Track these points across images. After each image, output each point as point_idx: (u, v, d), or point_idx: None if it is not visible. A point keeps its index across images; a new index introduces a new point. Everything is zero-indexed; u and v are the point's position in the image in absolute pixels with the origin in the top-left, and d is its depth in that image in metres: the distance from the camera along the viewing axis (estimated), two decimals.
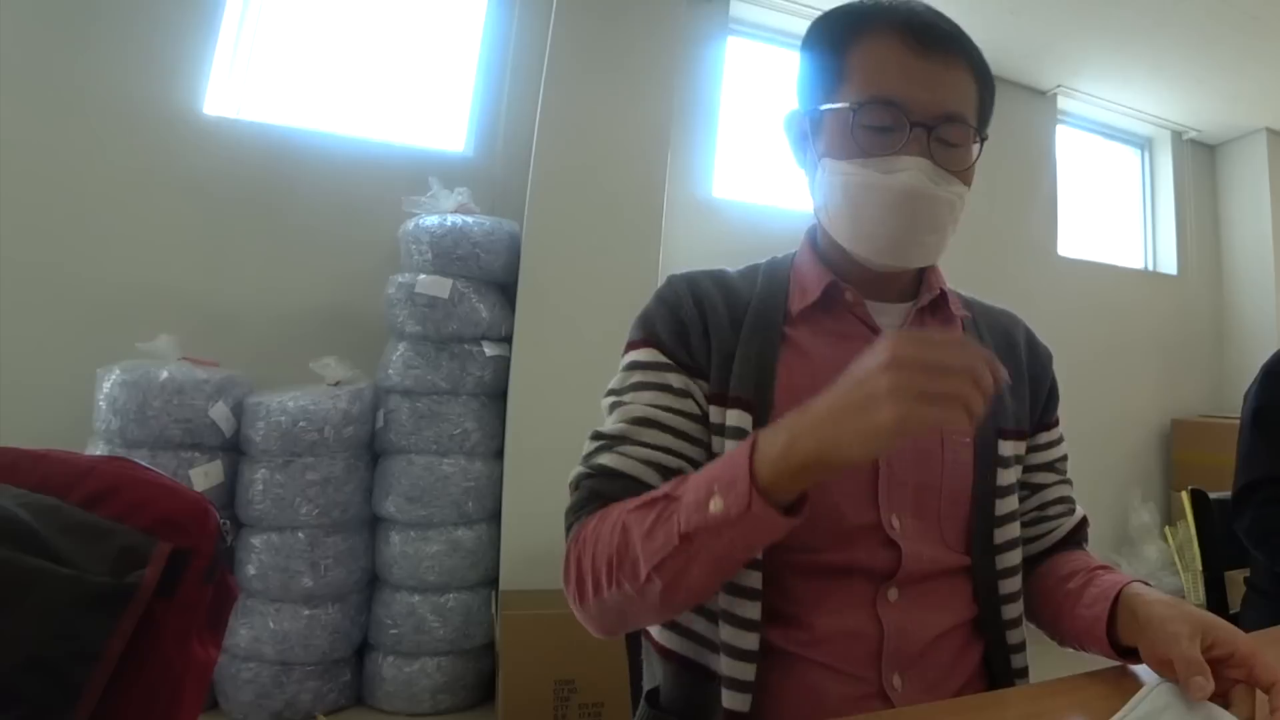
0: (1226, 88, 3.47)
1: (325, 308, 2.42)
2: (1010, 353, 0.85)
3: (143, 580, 0.55)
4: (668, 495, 0.61)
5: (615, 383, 0.77)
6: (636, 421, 0.72)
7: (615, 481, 0.70)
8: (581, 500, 0.71)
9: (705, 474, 0.60)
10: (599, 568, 0.63)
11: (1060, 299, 3.45)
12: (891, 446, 0.53)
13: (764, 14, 3.06)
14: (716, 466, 0.60)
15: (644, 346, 0.77)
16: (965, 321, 0.84)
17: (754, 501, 0.55)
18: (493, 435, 2.23)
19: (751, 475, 0.55)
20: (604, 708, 1.94)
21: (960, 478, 0.76)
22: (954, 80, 0.73)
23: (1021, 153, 3.51)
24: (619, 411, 0.74)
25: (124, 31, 2.25)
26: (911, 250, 0.74)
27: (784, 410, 0.71)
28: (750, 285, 0.81)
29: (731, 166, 3.00)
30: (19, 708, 0.49)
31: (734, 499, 0.55)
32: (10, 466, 0.60)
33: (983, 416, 0.52)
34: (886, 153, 0.71)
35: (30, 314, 2.12)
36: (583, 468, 0.72)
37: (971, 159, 0.74)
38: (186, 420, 1.95)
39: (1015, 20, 3.00)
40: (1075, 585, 0.77)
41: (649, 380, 0.75)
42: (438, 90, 2.71)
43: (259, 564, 1.97)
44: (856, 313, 0.78)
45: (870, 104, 0.71)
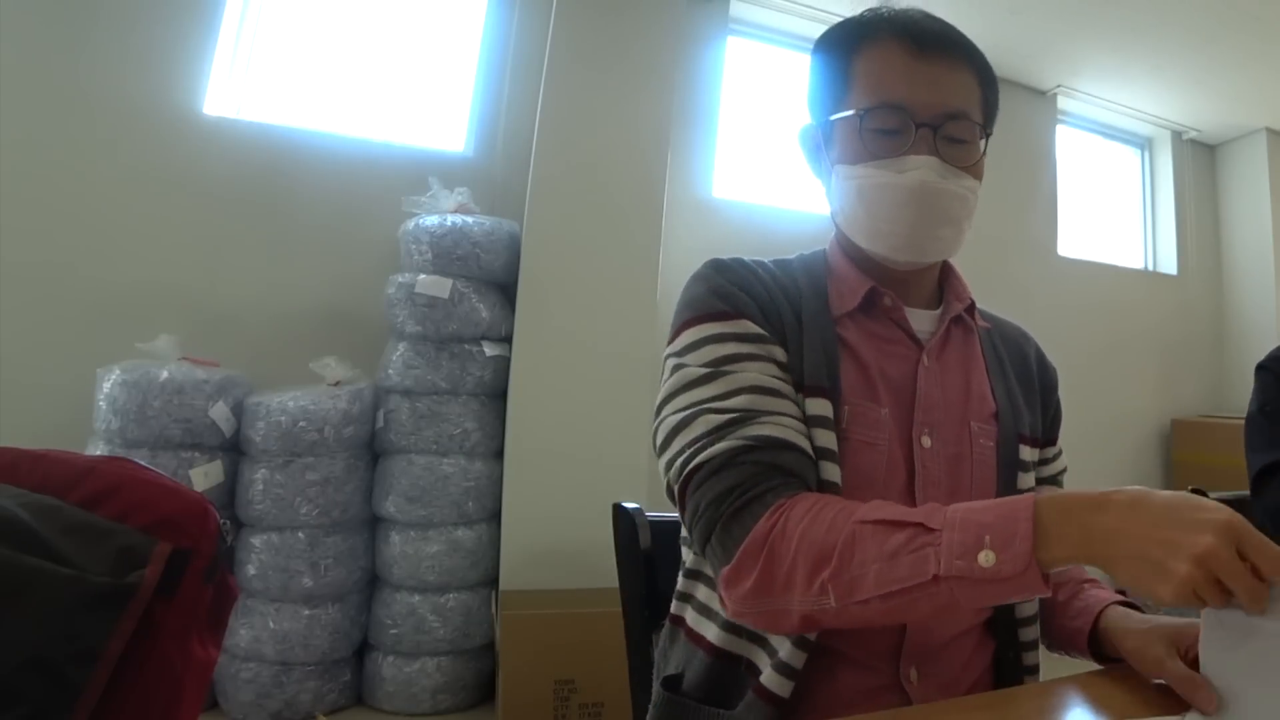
0: (1226, 88, 3.48)
1: (325, 308, 2.42)
2: (1023, 364, 0.88)
3: (143, 580, 0.55)
4: (920, 525, 0.58)
5: (699, 356, 0.71)
6: (763, 391, 0.69)
7: (786, 453, 0.66)
8: (755, 475, 0.65)
9: (968, 517, 0.57)
10: (799, 564, 0.60)
11: (1060, 299, 3.46)
12: (1164, 601, 0.51)
13: (764, 14, 3.07)
14: (985, 513, 0.56)
15: (731, 318, 0.72)
16: (983, 333, 0.86)
17: (1030, 568, 0.53)
18: (493, 435, 2.23)
19: (1034, 539, 0.53)
20: (604, 708, 1.94)
21: (986, 480, 0.77)
22: (956, 80, 0.74)
23: (1021, 153, 3.51)
24: (725, 381, 0.69)
25: (124, 31, 2.25)
26: (928, 245, 0.76)
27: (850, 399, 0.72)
28: (791, 278, 0.80)
29: (731, 166, 3.00)
30: (19, 708, 0.49)
31: (1010, 559, 0.53)
32: (10, 466, 0.60)
33: None
34: (895, 154, 0.73)
35: (30, 314, 2.12)
36: (731, 442, 0.65)
37: (979, 154, 0.76)
38: (186, 420, 1.95)
39: (1015, 20, 3.00)
40: (1063, 596, 0.81)
41: (752, 351, 0.71)
42: (438, 90, 2.71)
43: (259, 564, 1.97)
44: (895, 318, 0.80)
45: (876, 109, 0.73)
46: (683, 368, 0.71)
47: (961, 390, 0.80)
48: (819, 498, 0.64)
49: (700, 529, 0.66)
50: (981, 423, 0.79)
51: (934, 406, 0.77)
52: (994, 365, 0.84)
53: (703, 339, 0.72)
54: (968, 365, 0.82)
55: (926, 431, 0.75)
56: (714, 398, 0.68)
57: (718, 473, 0.65)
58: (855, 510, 0.61)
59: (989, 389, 0.82)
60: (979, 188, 0.77)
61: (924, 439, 0.75)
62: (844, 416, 0.72)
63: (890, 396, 0.75)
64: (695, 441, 0.67)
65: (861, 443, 0.72)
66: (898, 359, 0.78)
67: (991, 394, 0.82)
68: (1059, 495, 0.56)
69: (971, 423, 0.78)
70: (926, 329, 0.81)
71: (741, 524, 0.64)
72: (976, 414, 0.79)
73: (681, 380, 0.71)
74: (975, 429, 0.78)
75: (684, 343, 0.73)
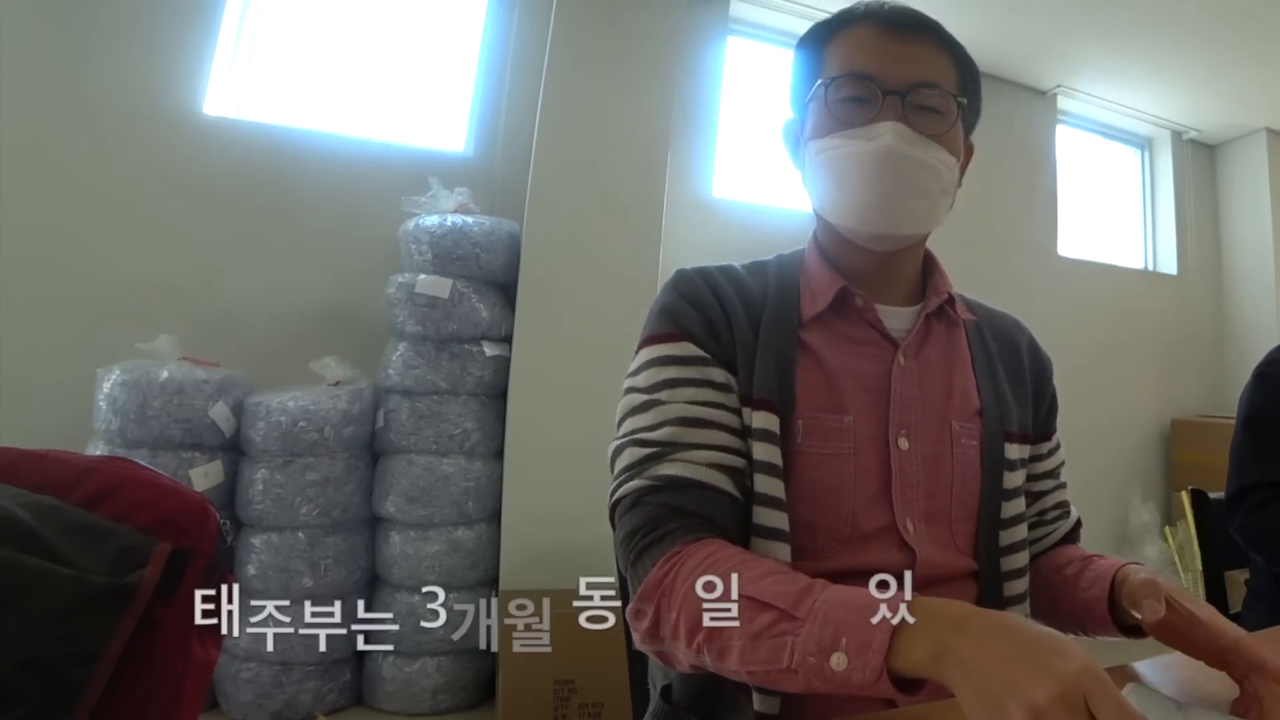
0: (1226, 88, 3.47)
1: (325, 308, 2.41)
2: (1013, 356, 0.85)
3: (143, 580, 0.55)
4: (785, 612, 0.55)
5: (642, 380, 0.73)
6: (686, 422, 0.69)
7: (689, 492, 0.66)
8: (656, 517, 0.66)
9: (829, 614, 0.54)
10: (681, 621, 0.60)
11: (1060, 299, 3.45)
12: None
13: (764, 14, 3.06)
14: (846, 612, 0.53)
15: (675, 340, 0.73)
16: (969, 326, 0.84)
17: (882, 680, 0.50)
18: (493, 435, 2.23)
19: (888, 651, 0.50)
20: (604, 708, 1.94)
21: (968, 480, 0.76)
22: (927, 54, 0.74)
23: (1021, 153, 3.51)
24: (656, 411, 0.70)
25: (124, 31, 2.24)
26: (899, 215, 0.74)
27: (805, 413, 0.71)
28: (761, 284, 0.79)
29: (731, 166, 3.00)
30: (19, 707, 0.49)
31: (860, 668, 0.51)
32: (10, 466, 0.60)
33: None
34: (863, 122, 0.72)
35: (30, 314, 2.12)
36: (641, 481, 0.68)
37: (951, 124, 0.75)
38: (186, 420, 1.94)
39: (1015, 20, 3.00)
40: (1072, 571, 0.79)
41: (688, 376, 0.72)
42: (438, 90, 2.71)
43: (259, 564, 1.97)
44: (867, 318, 0.78)
45: (843, 77, 0.73)
46: (630, 391, 0.74)
47: (942, 388, 0.78)
48: (714, 550, 0.63)
49: (619, 562, 0.70)
50: (964, 421, 0.77)
51: (910, 407, 0.75)
52: (980, 360, 0.82)
53: (647, 361, 0.74)
54: (950, 361, 0.80)
55: (903, 433, 0.74)
56: (643, 429, 0.70)
57: (629, 511, 0.68)
58: (732, 570, 0.59)
59: (974, 385, 0.80)
60: (954, 163, 0.76)
61: (901, 441, 0.74)
62: (797, 430, 0.71)
63: (863, 400, 0.74)
64: (620, 474, 0.70)
65: (819, 455, 0.71)
66: (871, 360, 0.76)
67: (976, 390, 0.80)
68: (928, 604, 0.52)
69: (953, 422, 0.77)
70: (903, 326, 0.79)
71: (642, 566, 0.65)
72: (959, 412, 0.77)
73: (626, 406, 0.74)
74: (957, 428, 0.76)
75: (636, 364, 0.75)
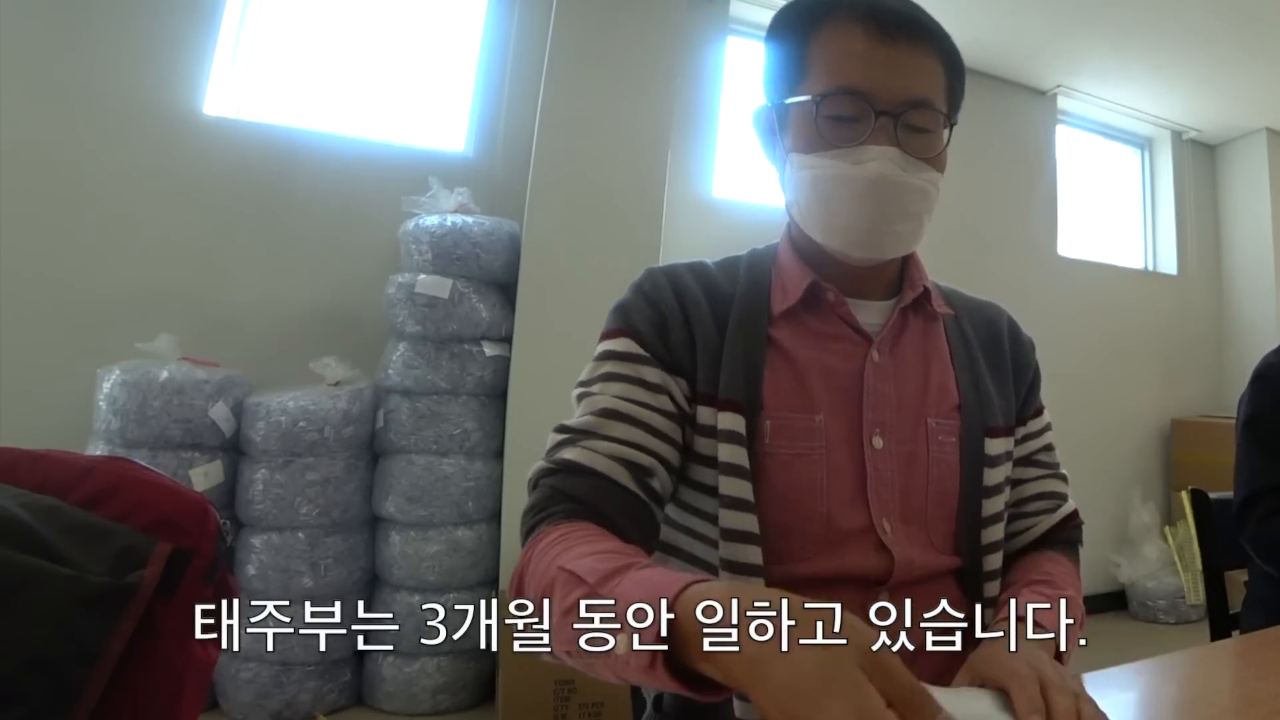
0: (1226, 87, 3.47)
1: (325, 308, 2.41)
2: (995, 346, 0.83)
3: (143, 580, 0.55)
4: (592, 589, 0.49)
5: (585, 373, 0.74)
6: (604, 414, 0.69)
7: (580, 478, 0.66)
8: (543, 500, 0.65)
9: (628, 591, 0.46)
10: (537, 599, 0.54)
11: (1060, 299, 3.45)
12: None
13: (764, 14, 3.06)
14: (644, 590, 0.46)
15: (619, 336, 0.74)
16: (947, 319, 0.82)
17: (657, 665, 0.43)
18: (493, 435, 2.23)
19: (671, 632, 0.43)
20: (604, 708, 1.94)
21: (947, 478, 0.74)
22: (919, 65, 0.70)
23: (1021, 153, 3.51)
24: (586, 403, 0.71)
25: (124, 31, 2.24)
26: (886, 240, 0.72)
27: (774, 413, 0.71)
28: (732, 280, 0.78)
29: (731, 166, 2.99)
30: (19, 708, 0.49)
31: (637, 656, 0.43)
32: (10, 466, 0.60)
33: None
34: (853, 143, 0.69)
35: (30, 314, 2.12)
36: (544, 463, 0.68)
37: (942, 145, 0.73)
38: (186, 420, 1.95)
39: (1015, 20, 3.00)
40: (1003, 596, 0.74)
41: (621, 372, 0.72)
42: (438, 90, 2.71)
43: (259, 564, 1.97)
44: (839, 313, 0.76)
45: (833, 95, 0.69)
46: (578, 385, 0.74)
47: (918, 384, 0.76)
48: (569, 529, 0.59)
49: None
50: (941, 418, 0.76)
51: (884, 404, 0.74)
52: (960, 353, 0.80)
53: (595, 356, 0.75)
54: (927, 356, 0.78)
55: (878, 431, 0.73)
56: (572, 418, 0.71)
57: (531, 491, 0.68)
58: (572, 549, 0.55)
59: (952, 380, 0.78)
60: (940, 180, 0.73)
61: (875, 439, 0.72)
62: (766, 431, 0.70)
63: (835, 398, 0.73)
64: (542, 457, 0.70)
65: (789, 456, 0.70)
66: (843, 356, 0.75)
67: (956, 385, 0.78)
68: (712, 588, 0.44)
69: (929, 419, 0.75)
70: (877, 321, 0.77)
71: (526, 546, 0.63)
72: (936, 408, 0.76)
73: (573, 398, 0.74)
74: (933, 425, 0.75)
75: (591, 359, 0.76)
